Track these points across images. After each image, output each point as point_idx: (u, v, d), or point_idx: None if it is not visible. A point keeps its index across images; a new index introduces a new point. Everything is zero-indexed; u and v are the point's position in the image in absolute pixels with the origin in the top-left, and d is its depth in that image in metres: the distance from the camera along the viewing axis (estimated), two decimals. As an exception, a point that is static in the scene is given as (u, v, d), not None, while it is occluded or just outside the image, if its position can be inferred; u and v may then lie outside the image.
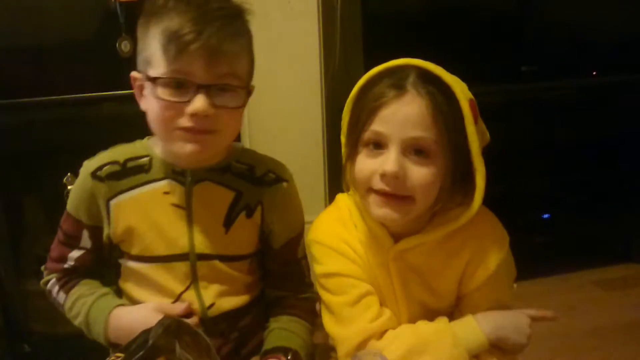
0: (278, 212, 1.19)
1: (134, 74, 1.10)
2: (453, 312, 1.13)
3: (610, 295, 2.57)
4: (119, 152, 1.16)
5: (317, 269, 1.14)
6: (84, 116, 2.10)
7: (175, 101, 1.02)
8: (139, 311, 1.12)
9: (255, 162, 1.20)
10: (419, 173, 0.97)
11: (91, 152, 1.19)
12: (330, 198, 1.25)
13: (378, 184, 0.99)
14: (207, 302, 1.16)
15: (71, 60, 2.06)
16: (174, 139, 1.06)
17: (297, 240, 1.23)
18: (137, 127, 1.13)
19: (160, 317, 1.04)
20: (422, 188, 0.98)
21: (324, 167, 2.31)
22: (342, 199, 1.18)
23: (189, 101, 1.02)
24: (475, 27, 2.32)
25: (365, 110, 1.00)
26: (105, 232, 1.16)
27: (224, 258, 1.16)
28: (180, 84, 1.02)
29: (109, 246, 1.18)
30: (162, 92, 1.02)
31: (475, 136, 0.97)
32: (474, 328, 1.03)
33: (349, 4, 2.36)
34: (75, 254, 1.19)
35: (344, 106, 1.09)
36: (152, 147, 1.16)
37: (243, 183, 1.17)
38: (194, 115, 1.02)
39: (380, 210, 1.01)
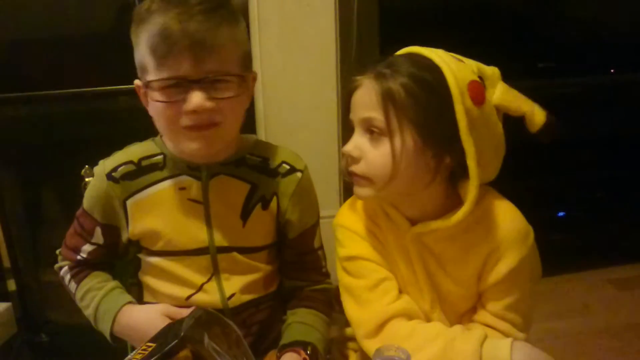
0: (293, 202, 1.19)
1: (136, 82, 1.11)
2: (475, 307, 1.14)
3: (624, 295, 2.56)
4: (133, 152, 1.17)
5: (340, 251, 1.16)
6: (101, 109, 2.13)
7: (172, 101, 1.03)
8: (147, 313, 1.13)
9: (269, 154, 1.21)
10: (373, 153, 1.02)
11: (108, 144, 1.20)
12: (345, 192, 1.25)
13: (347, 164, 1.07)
14: (228, 293, 1.17)
15: (89, 54, 2.09)
16: (180, 139, 1.08)
17: (312, 230, 1.24)
18: (152, 120, 1.13)
19: (166, 320, 1.07)
20: (377, 168, 1.02)
21: (338, 161, 2.32)
22: None
23: (184, 99, 1.02)
24: (491, 22, 2.32)
25: (345, 98, 1.08)
26: (124, 231, 1.17)
27: (242, 250, 1.17)
28: (174, 84, 1.02)
29: (126, 244, 1.19)
30: (158, 94, 1.03)
31: (462, 115, 0.98)
32: (505, 356, 1.02)
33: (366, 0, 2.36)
34: (88, 247, 1.20)
35: None
36: (165, 145, 1.17)
37: (258, 175, 1.18)
38: (193, 112, 1.03)
39: (355, 188, 1.08)
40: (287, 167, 1.20)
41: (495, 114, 1.05)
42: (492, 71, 1.06)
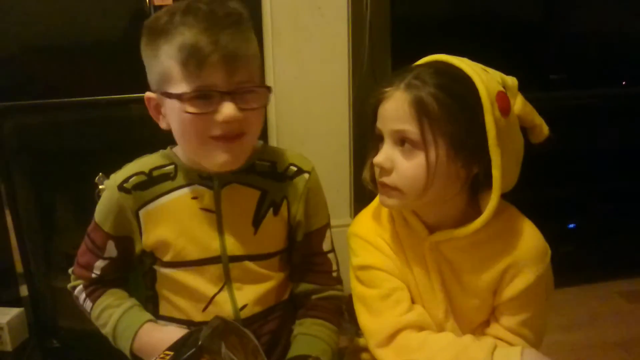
0: (302, 203, 1.21)
1: (148, 95, 1.11)
2: (489, 320, 1.14)
3: (635, 307, 2.54)
4: (144, 163, 1.19)
5: (354, 260, 1.17)
6: (115, 117, 2.14)
7: (204, 112, 1.03)
8: (170, 334, 1.12)
9: (277, 158, 1.22)
10: (404, 166, 1.02)
11: (121, 152, 1.22)
12: (356, 201, 1.27)
13: (375, 173, 1.07)
14: (240, 304, 1.17)
15: (103, 62, 2.10)
16: (207, 150, 1.08)
17: (321, 232, 1.24)
18: (160, 128, 1.14)
19: None
20: (408, 180, 1.02)
21: (350, 170, 2.32)
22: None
23: (215, 110, 1.03)
24: (503, 33, 2.32)
25: (370, 106, 1.08)
26: (137, 242, 1.18)
27: (254, 257, 1.18)
28: (205, 96, 1.03)
29: (139, 255, 1.20)
30: (188, 106, 1.03)
31: (492, 125, 0.99)
32: None
33: (379, 10, 2.37)
34: (100, 263, 1.21)
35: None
36: (176, 156, 1.18)
37: (267, 181, 1.18)
38: (224, 122, 1.04)
39: (380, 197, 1.09)
40: (295, 169, 1.21)
41: (517, 124, 1.07)
42: (512, 81, 1.08)
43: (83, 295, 1.23)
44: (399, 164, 1.03)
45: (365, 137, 1.14)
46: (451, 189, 1.05)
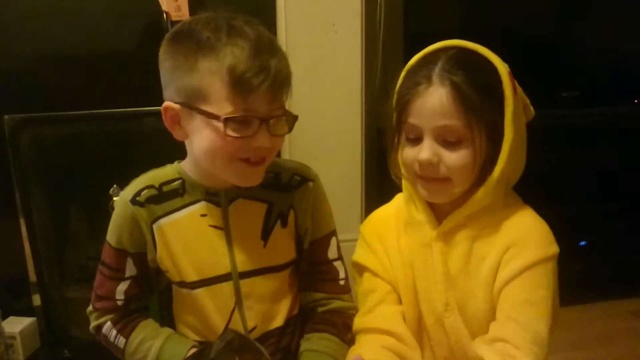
0: (309, 211, 1.21)
1: (168, 104, 1.07)
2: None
3: (647, 326, 2.54)
4: (153, 177, 1.17)
5: (353, 256, 1.22)
6: (130, 129, 2.16)
7: (242, 137, 1.02)
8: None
9: (280, 169, 1.21)
10: (451, 158, 1.04)
11: (136, 164, 1.21)
12: (367, 215, 1.28)
13: (419, 170, 1.07)
14: (250, 325, 1.17)
15: (119, 76, 2.13)
16: (230, 169, 1.08)
17: (326, 240, 1.24)
18: (174, 140, 1.14)
19: None
20: (457, 170, 1.04)
21: (361, 185, 2.33)
22: (398, 195, 1.23)
23: (252, 136, 1.03)
24: (515, 51, 2.33)
25: (400, 103, 1.08)
26: (150, 256, 1.16)
27: (265, 270, 1.17)
28: (245, 121, 1.02)
29: (156, 271, 1.18)
30: (230, 130, 1.01)
31: (511, 100, 1.03)
32: None
33: (391, 26, 2.39)
34: (122, 286, 1.17)
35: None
36: (183, 170, 1.17)
37: (273, 193, 1.18)
38: (257, 148, 1.05)
39: (425, 191, 1.09)
40: (299, 178, 1.21)
41: (521, 102, 1.09)
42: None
43: (114, 332, 1.18)
44: (446, 157, 1.04)
45: (377, 154, 1.16)
46: (484, 171, 1.08)
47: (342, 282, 1.26)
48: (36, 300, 2.22)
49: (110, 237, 1.16)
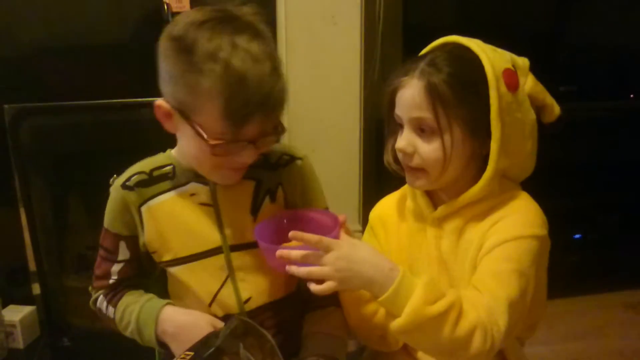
0: (298, 188, 1.23)
1: (161, 103, 1.08)
2: None
3: (639, 318, 2.56)
4: (145, 164, 1.21)
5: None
6: (129, 119, 2.17)
7: (227, 155, 1.05)
8: (195, 318, 1.15)
9: (268, 151, 1.22)
10: (425, 149, 1.08)
11: (134, 154, 1.24)
12: (364, 208, 1.31)
13: (399, 158, 1.13)
14: (244, 296, 1.19)
15: (118, 66, 2.14)
16: (216, 173, 1.13)
17: None
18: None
19: (210, 329, 1.08)
20: (430, 161, 1.08)
21: (359, 178, 2.34)
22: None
23: (238, 154, 1.06)
24: (514, 45, 2.34)
25: (386, 93, 1.13)
26: (141, 239, 1.20)
27: (256, 244, 1.17)
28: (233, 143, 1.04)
29: (147, 254, 1.21)
30: (216, 150, 1.03)
31: (495, 100, 1.04)
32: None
33: (391, 19, 2.40)
34: (116, 267, 1.22)
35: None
36: (175, 157, 1.20)
37: (260, 171, 1.20)
38: (242, 162, 1.08)
39: (409, 179, 1.14)
40: (287, 157, 1.23)
41: (528, 101, 1.11)
42: (523, 62, 1.14)
43: (105, 304, 1.23)
44: (420, 148, 1.08)
45: (375, 145, 1.18)
46: (472, 166, 1.11)
47: None
48: (36, 289, 2.23)
49: (105, 221, 1.21)
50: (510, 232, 1.06)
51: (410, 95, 1.07)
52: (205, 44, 0.99)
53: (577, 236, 2.71)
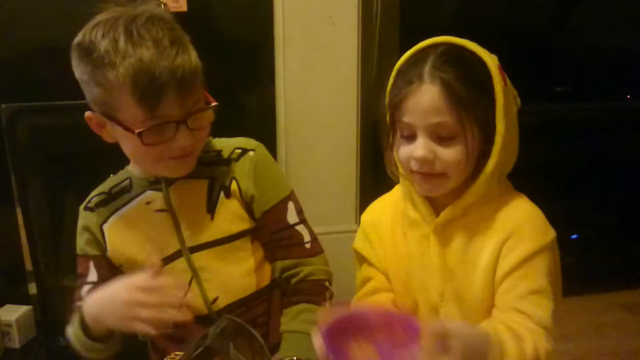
0: (252, 178, 1.21)
1: (89, 115, 1.11)
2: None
3: (636, 319, 2.55)
4: (106, 184, 1.24)
5: (353, 243, 1.26)
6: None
7: (161, 142, 1.06)
8: (114, 285, 1.05)
9: (222, 146, 1.23)
10: (447, 154, 1.05)
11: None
12: (362, 207, 1.30)
13: (415, 167, 1.09)
14: (211, 296, 1.19)
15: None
16: (160, 167, 1.13)
17: (282, 205, 1.24)
18: None
19: (133, 293, 0.99)
20: (453, 165, 1.06)
21: (356, 176, 2.34)
22: (398, 185, 1.25)
23: (172, 138, 1.06)
24: (510, 45, 2.34)
25: (393, 103, 1.09)
26: (106, 257, 1.20)
27: (217, 242, 1.19)
28: (160, 127, 1.04)
29: (119, 271, 1.20)
30: (146, 139, 1.04)
31: (501, 94, 1.04)
32: None
33: (388, 19, 2.40)
34: (85, 289, 1.20)
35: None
36: (130, 170, 1.22)
37: (213, 168, 1.20)
38: (180, 147, 1.07)
39: (422, 187, 1.11)
40: (239, 151, 1.23)
41: (512, 94, 1.10)
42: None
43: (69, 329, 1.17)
44: (441, 153, 1.05)
45: (372, 146, 1.17)
46: (479, 164, 1.10)
47: (307, 246, 1.25)
48: (32, 288, 2.24)
49: (77, 248, 1.24)
50: (529, 247, 1.06)
51: (427, 101, 1.03)
52: (101, 40, 1.03)
53: (574, 237, 2.71)
